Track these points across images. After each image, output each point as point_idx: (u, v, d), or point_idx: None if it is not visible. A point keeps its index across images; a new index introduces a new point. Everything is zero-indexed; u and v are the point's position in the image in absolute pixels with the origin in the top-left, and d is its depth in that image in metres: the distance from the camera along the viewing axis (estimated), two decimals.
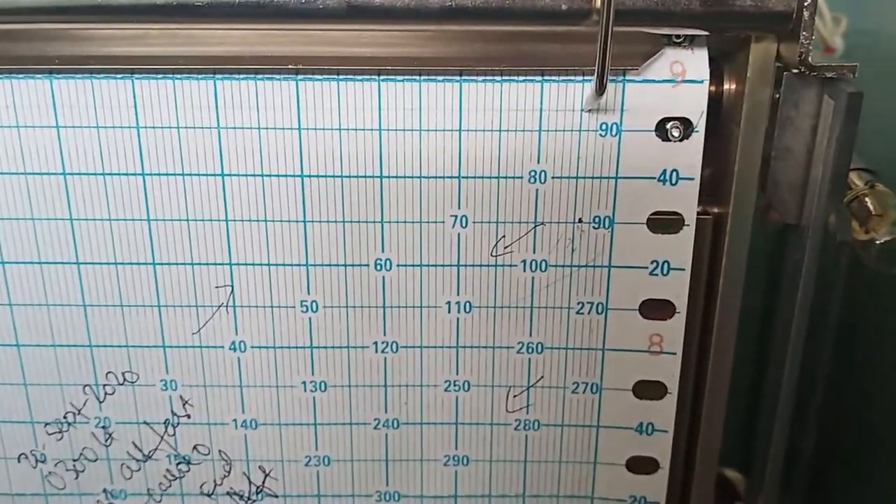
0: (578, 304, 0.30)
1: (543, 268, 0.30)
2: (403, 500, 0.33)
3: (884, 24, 0.43)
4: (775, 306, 0.30)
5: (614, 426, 0.32)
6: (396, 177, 0.28)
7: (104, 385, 0.31)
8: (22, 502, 0.33)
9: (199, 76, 0.27)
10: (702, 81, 0.27)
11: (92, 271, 0.30)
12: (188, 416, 0.32)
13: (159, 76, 0.27)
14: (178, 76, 0.27)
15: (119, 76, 0.27)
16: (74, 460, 0.33)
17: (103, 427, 0.32)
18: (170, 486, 0.33)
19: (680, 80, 0.27)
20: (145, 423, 0.32)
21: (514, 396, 0.31)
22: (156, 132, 0.28)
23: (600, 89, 0.26)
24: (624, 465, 0.32)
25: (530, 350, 0.31)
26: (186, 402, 0.31)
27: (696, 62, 0.27)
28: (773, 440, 0.30)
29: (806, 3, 0.25)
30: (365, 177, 0.28)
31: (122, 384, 0.31)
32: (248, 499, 0.33)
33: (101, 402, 0.32)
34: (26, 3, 0.25)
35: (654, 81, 0.27)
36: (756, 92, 0.27)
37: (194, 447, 0.32)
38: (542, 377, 0.31)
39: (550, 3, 0.25)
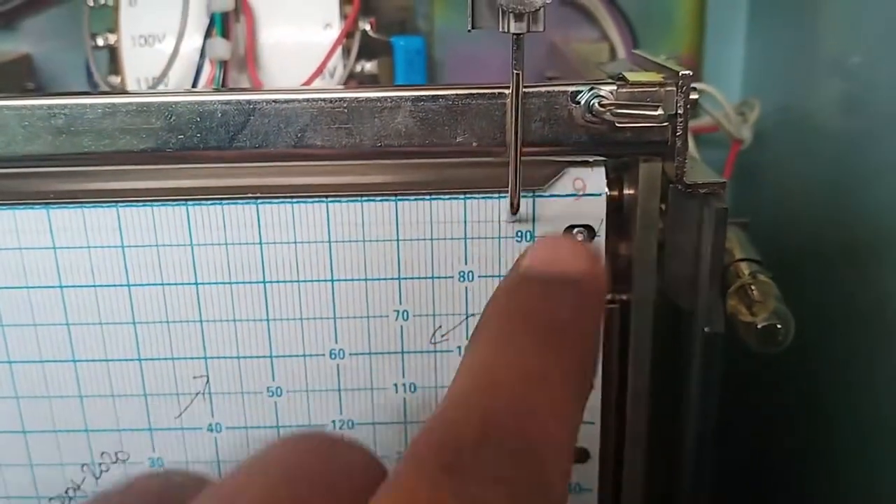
0: None
1: None
2: None
3: (802, 99, 0.48)
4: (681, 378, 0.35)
5: None
6: (345, 280, 0.33)
7: (100, 463, 0.36)
8: None
9: (174, 203, 0.32)
10: (600, 194, 0.32)
11: (86, 367, 0.34)
12: None
13: (140, 204, 0.32)
14: (156, 204, 0.32)
15: (105, 205, 0.32)
16: None
17: None
18: None
19: (581, 193, 0.32)
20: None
21: None
22: (138, 250, 0.33)
23: (514, 209, 0.31)
24: None
25: None
26: None
27: (595, 178, 0.32)
28: (679, 494, 0.35)
29: (678, 133, 0.30)
30: (318, 281, 0.33)
31: (115, 462, 0.36)
32: None
33: (97, 479, 0.36)
34: (24, 151, 0.30)
35: (559, 196, 0.32)
36: (647, 200, 0.32)
37: None
38: None
39: (462, 141, 0.30)
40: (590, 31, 0.51)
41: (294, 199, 0.32)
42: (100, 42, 0.44)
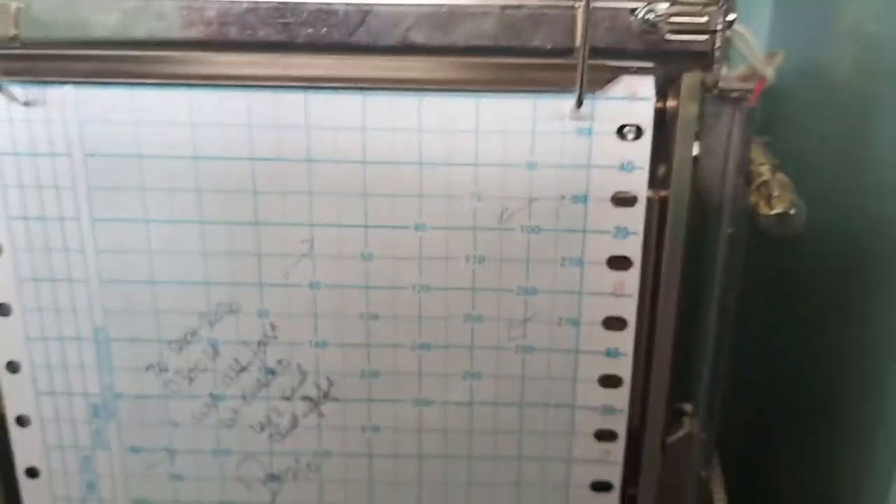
0: (562, 258, 0.41)
1: (537, 231, 0.41)
2: (432, 405, 0.44)
3: (821, 61, 0.54)
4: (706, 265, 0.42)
5: (589, 351, 0.43)
6: (431, 164, 0.40)
7: (215, 313, 0.43)
8: (147, 402, 0.45)
9: (295, 91, 0.39)
10: (648, 99, 0.38)
11: (211, 228, 0.41)
12: (276, 338, 0.43)
13: (266, 90, 0.39)
14: (279, 91, 0.39)
15: (236, 89, 0.39)
16: (189, 370, 0.44)
17: (212, 345, 0.43)
18: (259, 391, 0.44)
19: (633, 98, 0.38)
20: (243, 342, 0.43)
21: (515, 327, 0.42)
22: (261, 129, 0.39)
23: (580, 103, 0.37)
24: (597, 381, 0.43)
25: (527, 292, 0.42)
26: (275, 327, 0.43)
27: (645, 85, 0.38)
28: (702, 370, 0.42)
29: (717, 46, 0.36)
30: (409, 163, 0.40)
31: (228, 312, 0.43)
32: (317, 402, 0.44)
33: (212, 326, 0.43)
34: (180, 36, 0.37)
35: (615, 98, 0.38)
36: (687, 108, 0.38)
37: (278, 361, 0.43)
38: (535, 313, 0.42)
39: (538, 44, 0.36)
40: None
41: (394, 91, 0.38)
42: None
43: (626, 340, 0.42)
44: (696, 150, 0.39)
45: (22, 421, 0.45)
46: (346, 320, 0.42)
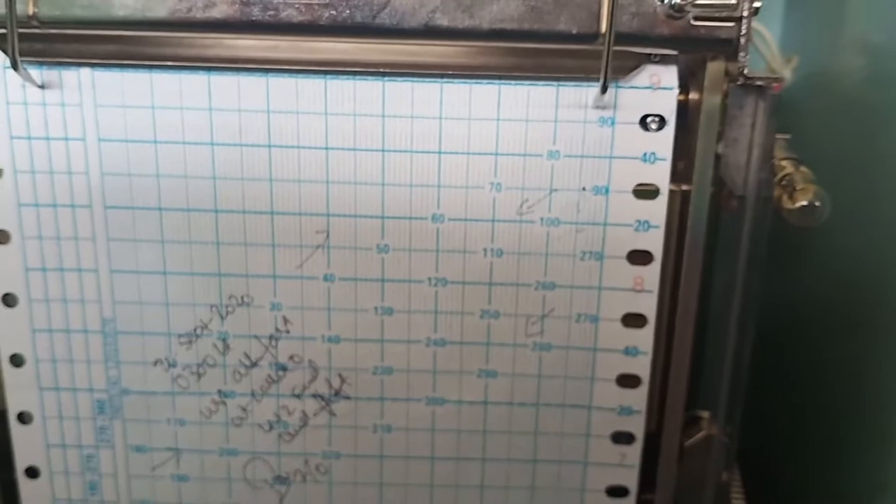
0: (582, 252, 0.40)
1: (556, 224, 0.40)
2: (445, 404, 0.43)
3: (833, 64, 0.54)
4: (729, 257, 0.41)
5: (607, 349, 0.42)
6: (451, 153, 0.39)
7: (227, 305, 0.42)
8: (154, 399, 0.44)
9: (315, 76, 0.38)
10: (672, 88, 0.38)
11: (225, 217, 0.40)
12: (288, 332, 0.42)
13: (286, 75, 0.38)
14: (300, 76, 0.38)
15: (257, 74, 0.38)
16: (198, 365, 0.43)
17: (223, 339, 0.42)
18: (269, 388, 0.43)
19: (656, 87, 0.38)
20: (255, 336, 0.42)
21: (532, 324, 0.42)
22: (280, 116, 0.39)
23: (604, 90, 0.37)
24: (614, 381, 0.42)
25: (545, 287, 0.41)
26: (288, 321, 0.42)
27: (668, 75, 0.38)
28: (722, 369, 0.41)
29: (743, 33, 0.36)
30: (427, 152, 0.39)
31: (240, 305, 0.42)
32: (328, 400, 0.43)
33: (223, 319, 0.42)
34: (203, 17, 0.36)
35: (638, 87, 0.38)
36: (711, 98, 0.38)
37: (290, 357, 0.43)
38: (553, 309, 0.41)
39: (563, 28, 0.36)
40: None
41: (414, 78, 0.38)
42: None
43: (645, 338, 0.41)
44: (719, 142, 0.39)
45: (23, 418, 0.44)
46: (360, 314, 0.42)
